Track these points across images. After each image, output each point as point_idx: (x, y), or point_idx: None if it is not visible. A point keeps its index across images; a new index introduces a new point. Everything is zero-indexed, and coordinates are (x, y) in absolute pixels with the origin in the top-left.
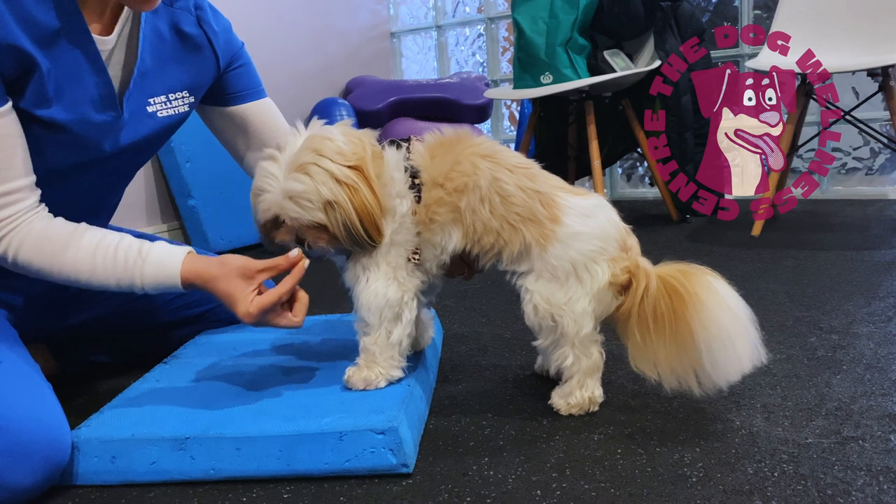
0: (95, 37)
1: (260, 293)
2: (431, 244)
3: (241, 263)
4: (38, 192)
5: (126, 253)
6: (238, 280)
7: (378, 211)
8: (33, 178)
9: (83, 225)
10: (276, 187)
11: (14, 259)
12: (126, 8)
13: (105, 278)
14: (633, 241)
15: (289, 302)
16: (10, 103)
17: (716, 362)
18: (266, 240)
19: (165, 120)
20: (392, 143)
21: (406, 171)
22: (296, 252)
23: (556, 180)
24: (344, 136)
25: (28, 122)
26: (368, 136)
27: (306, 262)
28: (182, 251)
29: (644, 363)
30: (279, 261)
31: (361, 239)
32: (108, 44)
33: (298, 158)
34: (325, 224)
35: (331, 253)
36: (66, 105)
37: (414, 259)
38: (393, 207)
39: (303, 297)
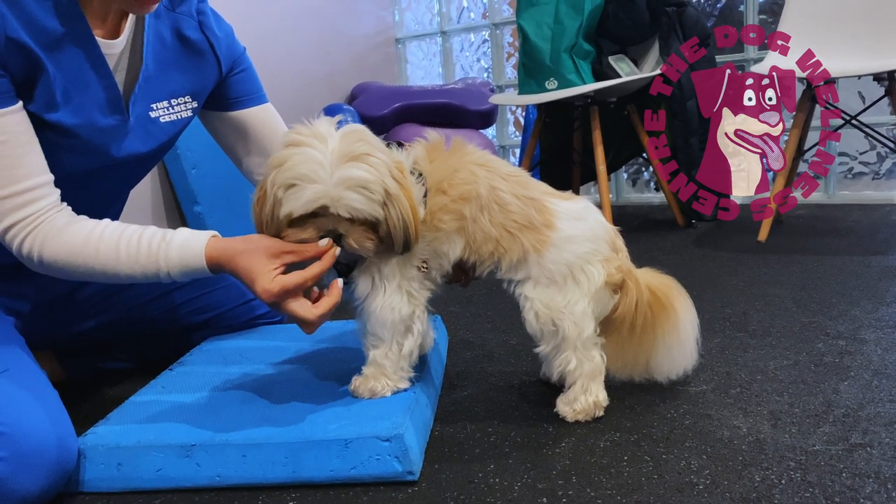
0: (101, 41)
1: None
2: (437, 253)
3: (267, 242)
4: (58, 191)
5: (150, 241)
6: (262, 257)
7: (418, 213)
8: (51, 176)
9: (105, 220)
10: (326, 175)
11: (39, 258)
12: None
13: (130, 268)
14: (621, 242)
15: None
16: (20, 103)
17: (670, 362)
18: None
19: (168, 126)
20: (389, 146)
21: (418, 176)
22: (325, 241)
23: (544, 186)
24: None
25: (41, 127)
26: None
27: (337, 249)
28: (206, 234)
29: (613, 362)
30: (307, 246)
31: (408, 240)
32: (115, 48)
33: (352, 148)
34: (377, 222)
35: (359, 258)
36: (74, 109)
37: (423, 269)
38: None
39: (335, 292)
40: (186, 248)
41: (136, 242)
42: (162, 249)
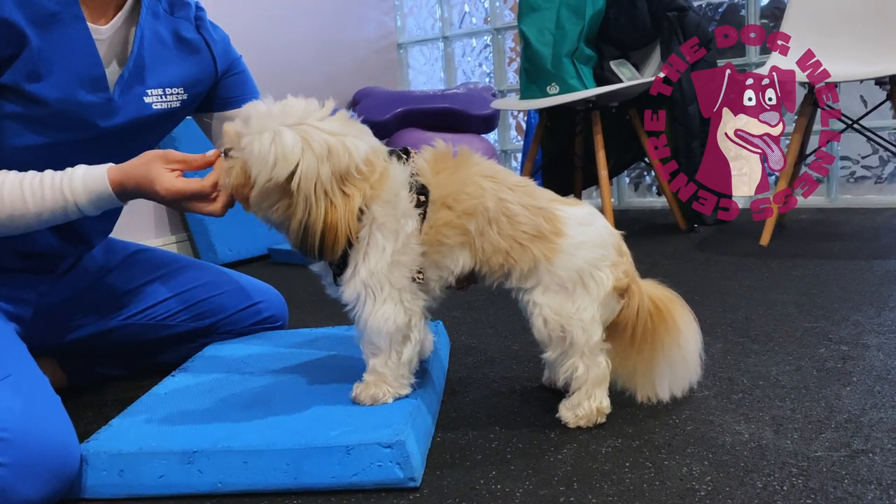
0: (91, 25)
1: None
2: (438, 267)
3: (159, 152)
4: None
5: (52, 178)
6: (156, 163)
7: (337, 231)
8: None
9: (3, 171)
10: (277, 118)
11: None
12: (125, 6)
13: (38, 207)
14: (626, 247)
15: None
16: None
17: (671, 380)
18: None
19: (158, 111)
20: (393, 153)
21: (412, 188)
22: (212, 152)
23: (550, 194)
24: (365, 154)
25: (19, 98)
26: (382, 155)
27: (223, 158)
28: (105, 164)
29: (618, 370)
30: (195, 157)
31: (307, 249)
32: (104, 33)
33: (312, 133)
34: (259, 189)
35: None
36: (55, 83)
37: (418, 279)
38: (396, 228)
39: (217, 167)
40: (89, 176)
41: (39, 182)
42: (65, 182)
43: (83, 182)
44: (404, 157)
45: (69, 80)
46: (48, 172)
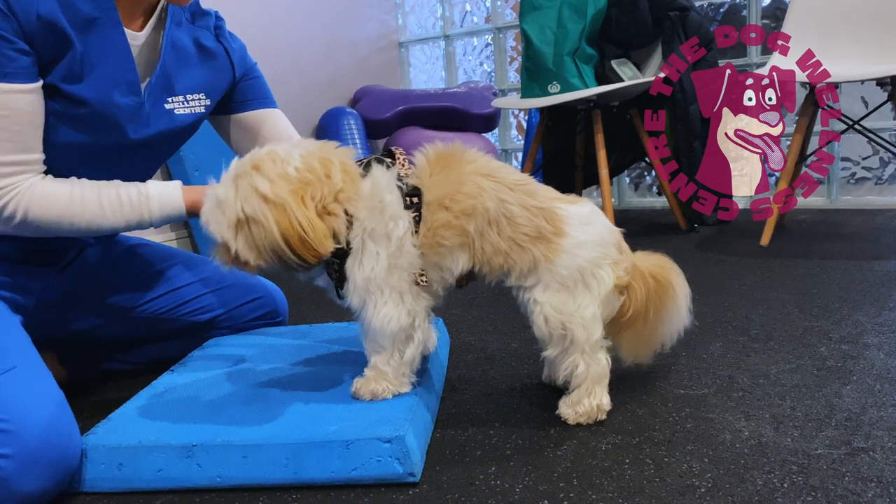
0: (126, 30)
1: None
2: (439, 268)
3: None
4: (44, 167)
5: (129, 197)
6: None
7: (311, 233)
8: (42, 156)
9: (73, 178)
10: (210, 197)
11: (24, 217)
12: (155, 13)
13: (115, 221)
14: (625, 244)
15: None
16: (39, 83)
17: (670, 333)
18: None
19: (181, 118)
20: (376, 160)
21: (401, 189)
22: None
23: (551, 192)
24: (301, 157)
25: (57, 97)
26: (342, 155)
27: None
28: (175, 185)
29: (630, 352)
30: None
31: (289, 259)
32: (139, 39)
33: (231, 172)
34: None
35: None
36: (93, 84)
37: (421, 281)
38: (387, 233)
39: None
40: (165, 201)
41: (117, 199)
42: (143, 204)
43: (160, 207)
44: (388, 160)
45: (106, 83)
46: (122, 186)
